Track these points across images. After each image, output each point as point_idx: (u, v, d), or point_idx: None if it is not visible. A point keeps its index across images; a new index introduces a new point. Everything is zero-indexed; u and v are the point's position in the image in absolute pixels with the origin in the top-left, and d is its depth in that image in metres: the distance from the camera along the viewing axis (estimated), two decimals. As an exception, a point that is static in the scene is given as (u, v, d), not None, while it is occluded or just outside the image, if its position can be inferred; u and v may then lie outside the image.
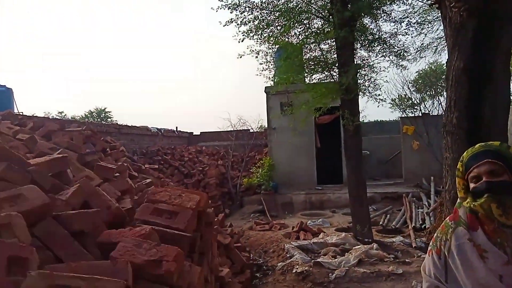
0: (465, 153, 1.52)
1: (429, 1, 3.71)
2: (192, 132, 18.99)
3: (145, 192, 3.30)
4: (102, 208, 2.02)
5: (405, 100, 15.21)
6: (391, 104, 15.78)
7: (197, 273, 1.89)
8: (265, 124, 14.81)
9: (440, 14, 3.28)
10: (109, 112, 31.20)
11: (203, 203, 2.37)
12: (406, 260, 6.01)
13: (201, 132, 18.97)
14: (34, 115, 9.88)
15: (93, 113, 30.59)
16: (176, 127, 17.98)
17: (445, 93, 4.08)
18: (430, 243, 1.66)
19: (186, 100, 63.26)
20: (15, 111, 9.13)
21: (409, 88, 14.61)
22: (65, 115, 25.87)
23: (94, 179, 2.86)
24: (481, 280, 1.37)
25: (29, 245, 1.27)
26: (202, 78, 68.82)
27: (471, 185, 1.45)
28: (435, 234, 1.60)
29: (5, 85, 13.22)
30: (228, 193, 13.17)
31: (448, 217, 1.60)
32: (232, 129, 15.26)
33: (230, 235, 6.63)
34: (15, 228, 1.37)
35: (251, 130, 16.17)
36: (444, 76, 7.37)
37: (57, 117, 16.01)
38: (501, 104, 2.90)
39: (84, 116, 28.94)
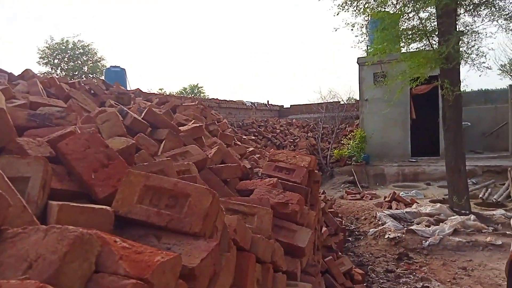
0: None
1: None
2: (283, 105, 19.58)
3: (250, 156, 3.90)
4: (237, 164, 2.61)
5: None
6: (501, 70, 14.40)
7: (313, 215, 2.38)
8: (357, 96, 14.71)
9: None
10: (201, 87, 33.26)
11: (313, 164, 2.83)
12: (507, 232, 5.88)
13: (291, 105, 19.46)
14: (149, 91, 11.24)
15: (187, 89, 32.84)
16: (268, 101, 18.72)
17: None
18: None
19: (277, 74, 64.08)
20: (128, 88, 10.43)
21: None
22: (165, 91, 28.29)
23: (220, 144, 3.50)
24: None
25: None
26: (293, 51, 68.67)
27: None
28: None
29: (119, 66, 15.09)
30: (319, 164, 13.57)
31: None
32: (322, 102, 15.44)
33: (323, 201, 7.09)
34: (192, 173, 2.00)
35: (342, 102, 16.17)
36: None
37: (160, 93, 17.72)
38: None
39: (180, 92, 31.20)
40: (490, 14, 7.23)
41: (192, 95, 30.00)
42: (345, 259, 4.54)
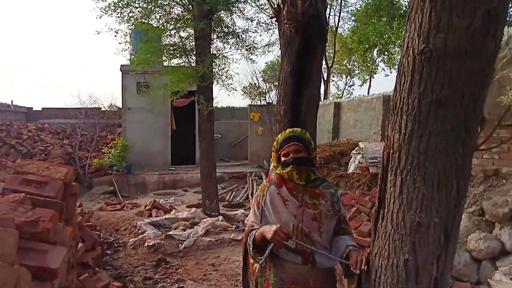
0: (279, 135, 2.24)
1: (271, 14, 4.52)
2: (32, 107, 16.95)
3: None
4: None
5: (255, 88, 16.75)
6: (243, 91, 17.20)
7: (68, 232, 2.15)
8: (119, 104, 14.36)
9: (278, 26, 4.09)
10: None
11: (70, 176, 2.58)
12: (245, 228, 7.02)
13: (43, 108, 17.08)
14: None
15: None
16: (12, 101, 15.85)
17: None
18: (253, 200, 2.36)
19: (25, 69, 54.68)
20: None
21: (257, 79, 16.18)
22: None
23: None
24: (283, 219, 2.10)
25: None
26: (45, 49, 60.31)
27: (282, 158, 2.17)
28: (256, 193, 2.29)
29: None
30: (76, 174, 12.43)
31: (265, 180, 2.32)
32: (81, 107, 14.27)
33: (80, 214, 6.55)
34: None
35: (103, 109, 15.43)
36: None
37: None
38: (314, 100, 3.89)
39: None
40: (236, 44, 8.57)
41: None
42: (103, 274, 4.34)
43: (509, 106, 4.17)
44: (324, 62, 17.72)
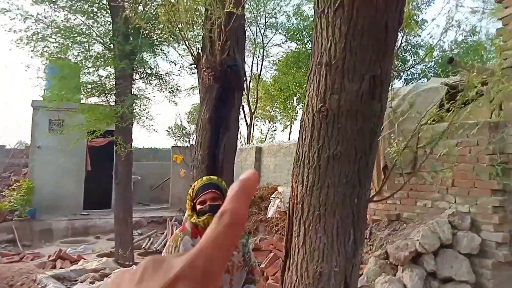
0: (195, 182, 2.20)
1: (190, 62, 4.62)
2: None
3: None
4: None
5: (180, 129, 16.56)
6: (168, 132, 16.88)
7: None
8: (28, 141, 13.20)
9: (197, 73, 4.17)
10: None
11: None
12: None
13: None
14: None
15: None
16: None
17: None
18: (163, 251, 2.25)
19: None
20: None
21: (181, 120, 16.09)
22: None
23: None
24: None
25: None
26: None
27: (198, 207, 2.11)
28: (168, 243, 2.18)
29: None
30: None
31: (178, 229, 2.23)
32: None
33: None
34: None
35: (8, 147, 14.03)
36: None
37: None
38: (231, 147, 3.94)
39: None
40: (159, 85, 8.51)
41: None
42: None
43: (415, 157, 4.65)
44: (247, 107, 18.34)
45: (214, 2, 3.16)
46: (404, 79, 12.60)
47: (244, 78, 4.21)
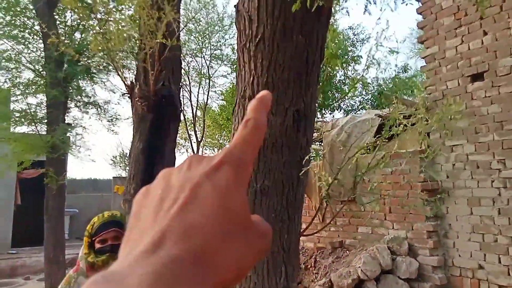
0: (96, 218, 1.98)
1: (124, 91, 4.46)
2: None
3: None
4: None
5: (124, 159, 15.91)
6: (113, 161, 16.15)
7: None
8: None
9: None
10: None
11: None
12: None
13: None
14: None
15: None
16: None
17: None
18: None
19: None
20: None
21: (122, 150, 15.50)
22: None
23: None
24: None
25: None
26: None
27: (98, 245, 1.90)
28: (60, 286, 1.93)
29: None
30: None
31: (72, 270, 1.99)
32: None
33: None
34: None
35: None
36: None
37: None
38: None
39: None
40: (97, 114, 8.13)
41: None
42: None
43: (354, 184, 4.73)
44: (194, 135, 18.13)
45: (146, 32, 3.07)
46: (344, 110, 13.21)
47: (180, 109, 4.12)
